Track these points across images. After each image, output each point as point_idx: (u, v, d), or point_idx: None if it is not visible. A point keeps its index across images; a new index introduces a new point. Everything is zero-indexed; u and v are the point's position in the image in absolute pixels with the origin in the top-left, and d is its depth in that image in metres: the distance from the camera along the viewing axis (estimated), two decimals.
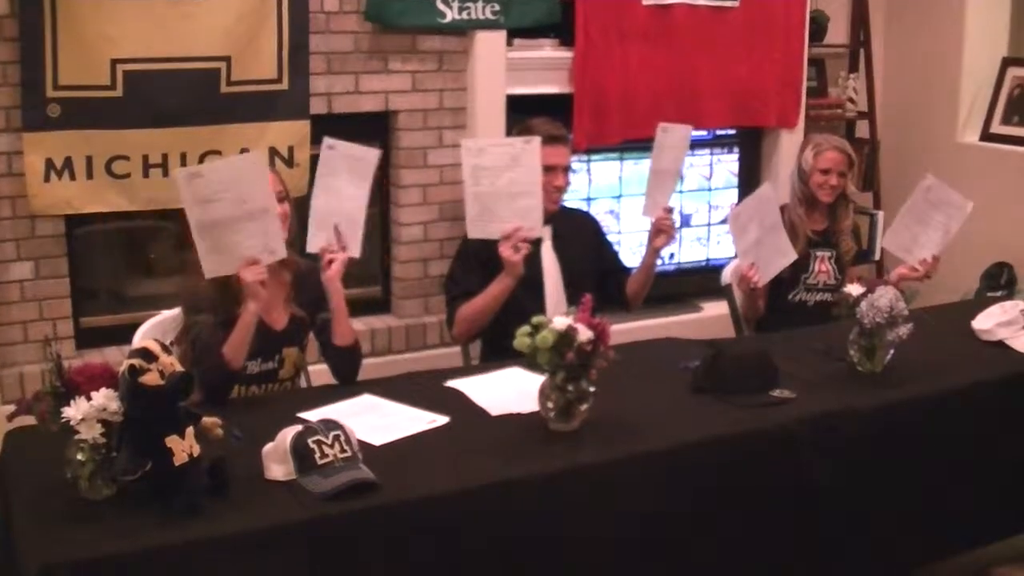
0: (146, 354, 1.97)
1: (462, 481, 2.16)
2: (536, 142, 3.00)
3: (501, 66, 4.12)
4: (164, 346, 2.03)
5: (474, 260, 3.18)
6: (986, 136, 5.00)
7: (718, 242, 4.78)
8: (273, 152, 3.77)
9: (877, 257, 4.99)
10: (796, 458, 2.51)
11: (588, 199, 4.41)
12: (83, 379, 2.00)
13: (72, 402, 1.96)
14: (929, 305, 3.42)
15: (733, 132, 4.77)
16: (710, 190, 4.76)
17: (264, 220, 2.55)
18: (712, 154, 4.73)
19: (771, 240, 3.33)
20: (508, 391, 2.59)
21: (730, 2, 4.52)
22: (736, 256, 3.46)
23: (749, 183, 4.62)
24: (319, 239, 2.71)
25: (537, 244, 3.19)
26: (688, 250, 4.72)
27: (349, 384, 2.73)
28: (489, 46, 4.08)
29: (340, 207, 2.75)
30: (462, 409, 2.50)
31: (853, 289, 2.79)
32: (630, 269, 3.45)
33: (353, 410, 2.47)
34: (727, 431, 2.45)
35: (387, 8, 3.87)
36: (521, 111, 4.03)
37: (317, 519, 2.00)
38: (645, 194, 3.33)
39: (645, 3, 4.32)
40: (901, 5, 5.29)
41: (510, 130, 3.99)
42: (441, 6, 3.96)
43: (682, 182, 4.43)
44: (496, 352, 3.07)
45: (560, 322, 2.27)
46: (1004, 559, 3.11)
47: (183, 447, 1.95)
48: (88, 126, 3.50)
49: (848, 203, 3.68)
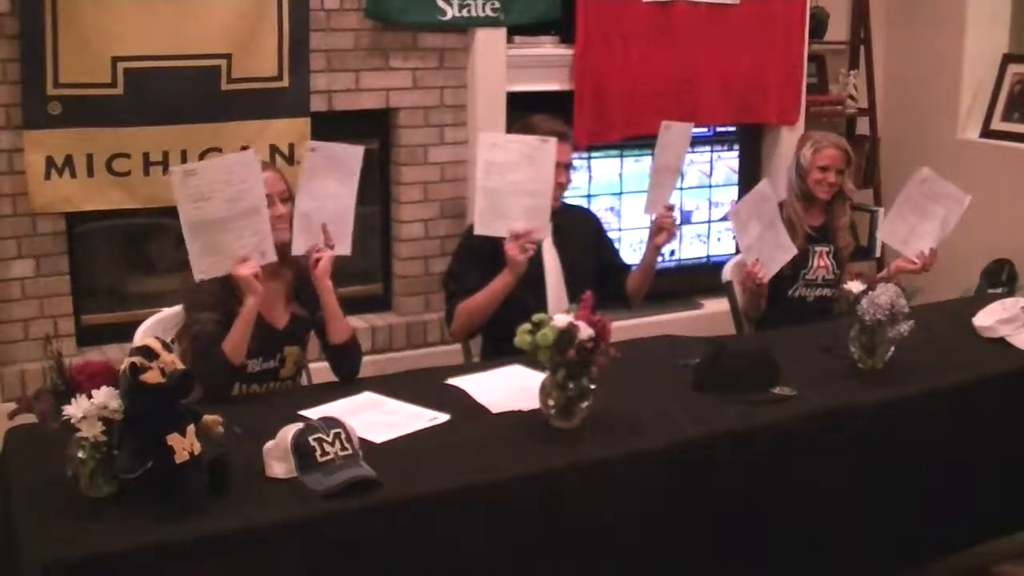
0: (147, 352, 1.97)
1: (463, 479, 2.16)
2: (552, 143, 2.99)
3: (501, 63, 4.12)
4: (165, 344, 2.03)
5: (476, 256, 3.16)
6: (987, 133, 4.99)
7: (719, 239, 4.78)
8: (274, 150, 3.77)
9: (878, 254, 4.98)
10: (797, 455, 2.51)
11: (588, 196, 4.41)
12: (84, 377, 2.00)
13: (73, 400, 1.96)
14: (930, 302, 3.41)
15: (733, 129, 4.77)
16: (710, 187, 4.76)
17: (256, 219, 2.55)
18: (712, 151, 4.73)
19: (771, 236, 3.35)
20: (509, 388, 2.59)
21: None
22: (739, 252, 3.47)
23: (749, 180, 4.61)
24: (303, 241, 2.70)
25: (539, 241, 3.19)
26: (689, 247, 4.72)
27: (350, 382, 2.72)
28: (489, 43, 4.08)
29: (327, 207, 2.74)
30: (463, 407, 2.50)
31: (854, 286, 2.79)
32: (631, 266, 3.45)
33: (354, 408, 2.47)
34: (728, 428, 2.45)
35: (388, 5, 3.87)
36: (521, 108, 4.03)
37: (318, 517, 2.00)
38: (647, 192, 3.33)
39: (645, 0, 4.32)
40: (902, 1, 5.29)
41: (511, 127, 3.99)
42: (442, 3, 3.96)
43: (682, 179, 4.42)
44: (497, 349, 3.07)
45: (561, 319, 2.27)
46: (1004, 557, 3.11)
47: (184, 445, 1.95)
48: (89, 124, 3.51)
49: (845, 199, 3.69)
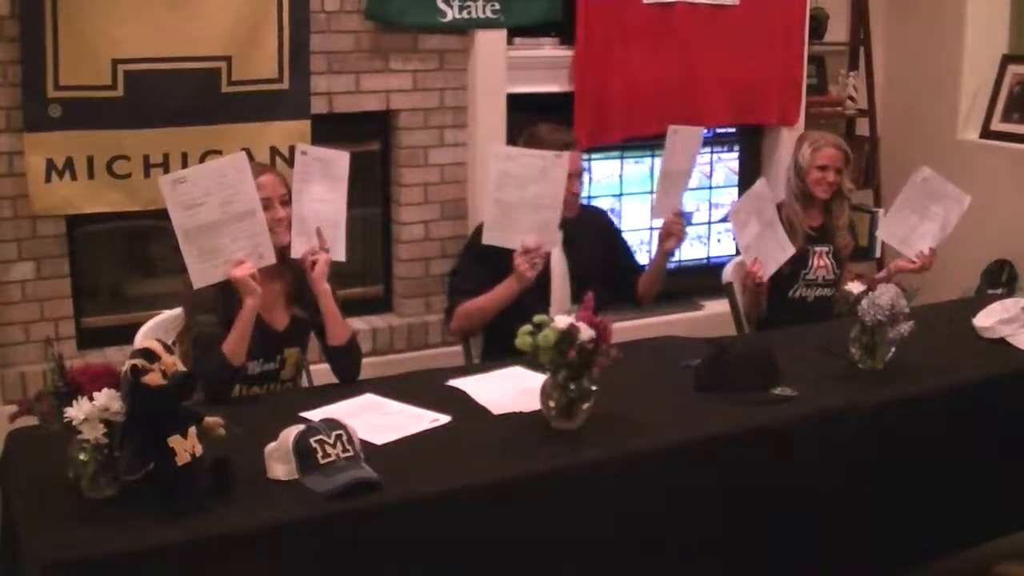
0: (148, 354, 1.98)
1: (464, 480, 2.16)
2: (566, 158, 2.99)
3: (502, 65, 4.12)
4: (166, 346, 2.03)
5: (482, 257, 3.14)
6: (986, 133, 5.00)
7: (719, 240, 4.78)
8: (274, 152, 3.78)
9: (878, 254, 4.99)
10: (797, 456, 2.51)
11: (589, 197, 4.40)
12: (85, 379, 2.00)
13: (74, 402, 1.96)
14: (930, 303, 3.41)
15: (733, 130, 4.77)
16: (711, 188, 4.76)
17: (251, 222, 2.55)
18: (712, 152, 4.73)
19: (770, 235, 3.36)
20: (510, 390, 2.59)
21: (730, 0, 4.52)
22: (739, 253, 3.47)
23: (749, 181, 4.58)
24: (301, 244, 2.71)
25: None
26: (689, 248, 4.71)
27: (351, 383, 2.72)
28: (490, 45, 4.08)
29: (321, 211, 2.74)
30: (464, 408, 2.50)
31: (854, 287, 2.79)
32: (643, 267, 3.46)
33: (355, 409, 2.47)
34: (729, 429, 2.45)
35: (388, 7, 3.87)
36: (522, 110, 4.04)
37: (319, 518, 2.00)
38: (655, 196, 3.33)
39: (645, 1, 4.32)
40: (901, 2, 5.29)
41: (511, 130, 4.00)
42: (442, 5, 3.96)
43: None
44: (497, 350, 3.06)
45: (562, 321, 2.27)
46: (1004, 557, 3.11)
47: (185, 447, 1.95)
48: (89, 126, 3.51)
49: (844, 199, 3.69)
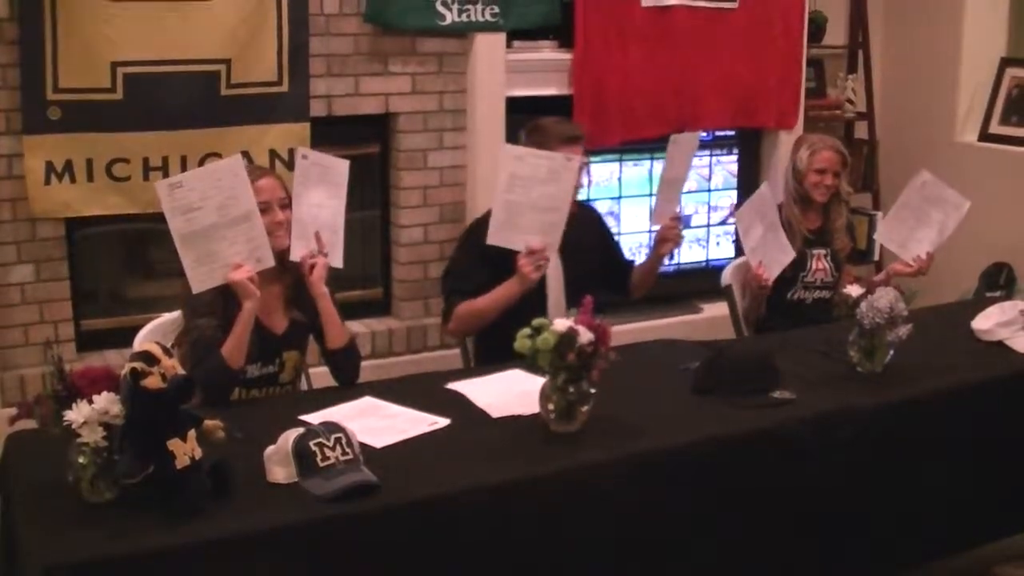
0: (148, 357, 1.97)
1: (463, 483, 2.16)
2: (576, 161, 2.96)
3: (501, 68, 4.13)
4: (166, 349, 2.03)
5: (481, 257, 3.08)
6: (984, 136, 5.00)
7: (718, 243, 4.79)
8: (273, 155, 3.78)
9: (876, 257, 4.99)
10: (796, 459, 2.52)
11: (587, 200, 4.40)
12: (84, 382, 2.00)
13: (74, 405, 1.96)
14: (928, 305, 3.42)
15: (732, 133, 4.78)
16: (709, 191, 4.77)
17: (248, 226, 2.55)
18: (711, 155, 4.74)
19: (773, 238, 3.37)
20: (509, 393, 2.58)
21: (729, 3, 4.52)
22: (743, 255, 3.48)
23: (748, 184, 4.62)
24: (300, 247, 2.71)
25: None
26: (688, 251, 4.72)
27: (350, 386, 2.73)
28: (489, 48, 4.09)
29: (320, 215, 2.74)
30: (463, 411, 2.50)
31: (853, 290, 2.80)
32: (633, 262, 3.46)
33: (354, 412, 2.47)
34: (728, 432, 2.45)
35: (387, 10, 3.88)
36: (521, 113, 4.03)
37: (319, 521, 2.00)
38: (655, 203, 3.33)
39: (644, 5, 4.33)
40: (900, 6, 5.30)
41: (511, 131, 3.99)
42: (441, 8, 3.97)
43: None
44: (492, 352, 3.04)
45: (561, 324, 2.27)
46: (1004, 559, 3.11)
47: (185, 450, 1.96)
48: (88, 129, 3.51)
49: (842, 201, 3.70)
